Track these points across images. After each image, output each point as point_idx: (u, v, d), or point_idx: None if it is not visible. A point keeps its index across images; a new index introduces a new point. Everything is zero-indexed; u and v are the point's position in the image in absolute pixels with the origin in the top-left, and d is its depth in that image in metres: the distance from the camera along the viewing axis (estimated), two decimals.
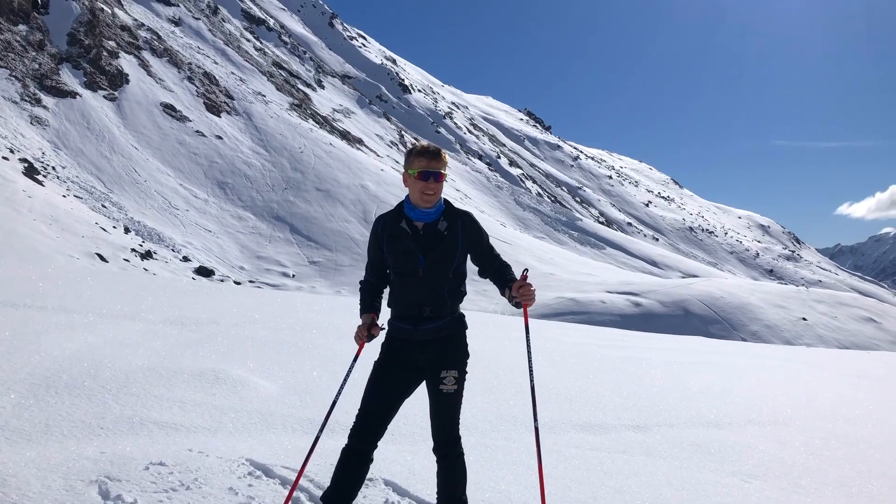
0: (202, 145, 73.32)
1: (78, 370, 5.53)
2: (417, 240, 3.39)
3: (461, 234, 3.43)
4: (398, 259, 3.40)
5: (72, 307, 8.76)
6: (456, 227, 3.42)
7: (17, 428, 4.19)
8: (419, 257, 3.36)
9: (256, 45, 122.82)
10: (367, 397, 3.43)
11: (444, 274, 3.39)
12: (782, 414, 8.36)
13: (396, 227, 3.42)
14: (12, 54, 66.66)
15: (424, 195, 3.36)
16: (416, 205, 3.40)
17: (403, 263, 3.39)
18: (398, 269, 3.42)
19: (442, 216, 3.44)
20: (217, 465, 4.04)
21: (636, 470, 5.31)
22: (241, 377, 6.01)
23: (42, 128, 61.50)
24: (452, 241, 3.40)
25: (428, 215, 3.41)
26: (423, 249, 3.37)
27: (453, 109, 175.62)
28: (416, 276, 3.37)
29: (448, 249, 3.39)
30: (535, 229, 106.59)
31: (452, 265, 3.41)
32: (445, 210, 3.46)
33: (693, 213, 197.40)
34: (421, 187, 3.35)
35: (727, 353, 16.19)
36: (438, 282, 3.39)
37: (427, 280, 3.38)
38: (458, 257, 3.44)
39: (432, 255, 3.37)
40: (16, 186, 44.74)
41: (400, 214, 3.45)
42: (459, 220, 3.45)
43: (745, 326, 43.05)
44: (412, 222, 3.41)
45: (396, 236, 3.41)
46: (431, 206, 3.39)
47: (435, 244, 3.38)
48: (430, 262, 3.37)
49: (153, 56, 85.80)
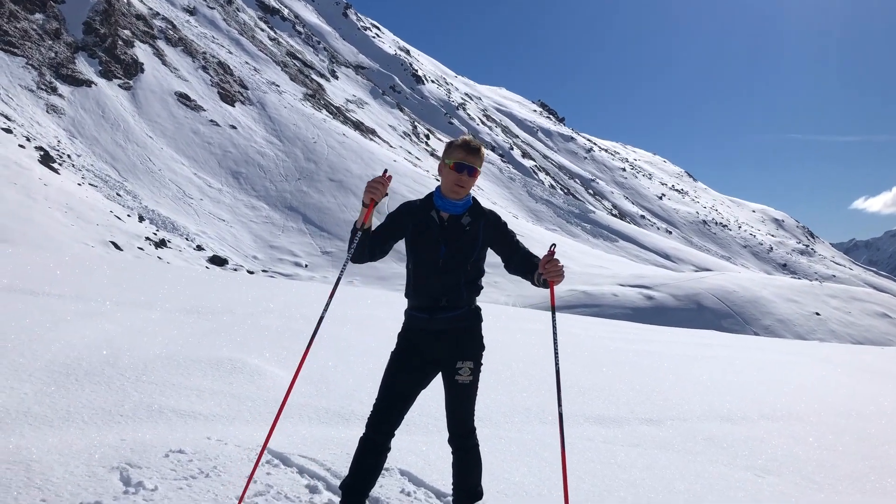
0: (216, 135, 73.58)
1: (97, 358, 5.60)
2: (442, 230, 3.44)
3: (482, 231, 3.49)
4: (420, 247, 3.46)
5: (89, 295, 8.85)
6: (479, 224, 3.49)
7: (39, 414, 4.26)
8: (441, 247, 3.42)
9: (271, 34, 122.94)
10: (384, 388, 3.47)
11: (462, 266, 3.44)
12: (795, 409, 8.35)
13: (426, 215, 3.48)
14: (29, 43, 67.05)
15: (456, 186, 3.42)
16: (445, 195, 3.46)
17: (424, 252, 3.44)
18: (418, 256, 3.46)
19: (468, 211, 3.50)
20: (235, 453, 4.10)
21: (649, 463, 5.34)
22: (257, 366, 6.07)
23: (58, 116, 61.88)
24: (473, 236, 3.47)
25: (456, 207, 3.47)
26: (444, 240, 3.42)
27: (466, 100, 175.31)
28: (436, 265, 3.42)
29: (468, 243, 3.46)
30: (548, 221, 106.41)
31: (471, 258, 3.47)
32: (472, 206, 3.53)
33: (707, 206, 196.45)
34: (454, 178, 3.41)
35: (740, 348, 16.15)
36: (456, 273, 3.43)
37: (445, 270, 3.42)
38: (477, 252, 3.49)
39: (453, 247, 3.43)
40: (32, 174, 45.09)
41: (429, 204, 3.51)
42: (483, 218, 3.51)
43: (758, 321, 42.88)
44: (439, 212, 3.47)
45: (424, 224, 3.46)
46: (461, 198, 3.46)
47: (457, 236, 3.44)
48: (450, 252, 3.42)
49: (168, 45, 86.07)
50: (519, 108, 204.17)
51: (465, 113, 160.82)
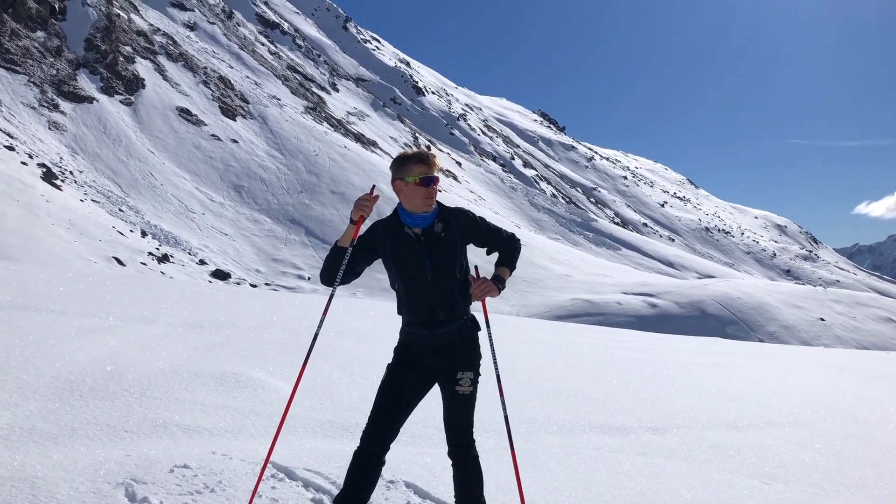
0: (218, 149, 73.77)
1: (101, 374, 5.60)
2: (420, 244, 3.41)
3: (457, 232, 3.45)
4: (405, 265, 3.41)
5: (93, 311, 8.86)
6: (451, 226, 3.44)
7: (43, 431, 4.26)
8: (425, 261, 3.38)
9: (271, 48, 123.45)
10: (380, 400, 3.45)
11: (451, 275, 3.41)
12: (801, 415, 8.32)
13: (400, 232, 3.42)
14: (31, 60, 67.39)
15: (427, 200, 3.38)
16: (412, 211, 3.40)
17: (410, 269, 3.40)
18: (405, 275, 3.41)
19: (437, 219, 3.45)
20: (240, 467, 4.09)
21: (655, 472, 5.32)
22: (261, 380, 6.06)
23: (60, 133, 62.11)
24: (451, 241, 3.42)
25: (425, 220, 3.42)
26: (427, 253, 3.39)
27: (467, 111, 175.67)
28: (425, 281, 3.39)
29: (449, 250, 3.42)
30: (550, 230, 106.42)
31: (456, 265, 3.43)
32: (439, 212, 3.48)
33: (709, 213, 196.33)
34: (423, 193, 3.36)
35: (745, 354, 16.11)
36: (447, 284, 3.41)
37: (436, 284, 3.39)
38: (460, 255, 3.47)
39: (437, 259, 3.39)
40: (34, 191, 45.20)
41: (398, 221, 3.46)
42: (453, 219, 3.46)
43: (763, 327, 42.80)
44: (411, 229, 3.43)
45: (402, 241, 3.41)
46: (431, 210, 3.41)
47: (437, 247, 3.40)
48: (435, 265, 3.38)
49: (169, 60, 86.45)
50: (520, 118, 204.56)
51: (465, 124, 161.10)
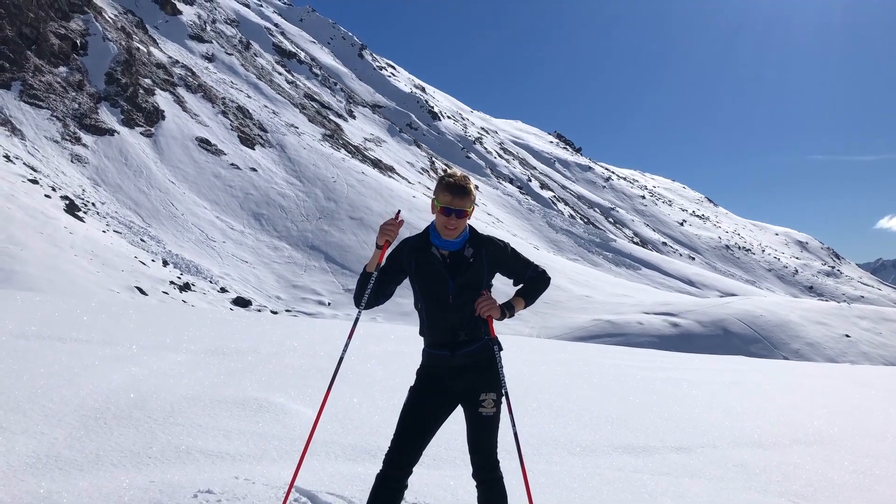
0: (237, 178, 74.52)
1: (125, 401, 5.64)
2: (445, 266, 3.42)
3: (486, 259, 3.46)
4: (427, 284, 3.43)
5: (116, 340, 8.94)
6: (481, 253, 3.46)
7: (69, 458, 4.30)
8: (448, 282, 3.40)
9: (288, 77, 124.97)
10: (402, 424, 3.44)
11: (473, 298, 3.42)
12: (829, 433, 8.20)
13: (426, 251, 3.45)
14: (53, 95, 68.65)
15: (446, 230, 3.40)
16: (440, 235, 3.44)
17: (433, 289, 3.42)
18: (427, 294, 3.43)
19: (467, 243, 3.47)
20: (263, 492, 4.10)
21: (681, 492, 5.25)
22: (282, 405, 6.08)
23: (82, 165, 63.07)
24: (479, 266, 3.44)
25: (453, 244, 3.44)
26: (451, 275, 3.40)
27: (483, 134, 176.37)
28: (447, 301, 3.40)
29: (475, 274, 3.43)
30: (569, 251, 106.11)
31: (481, 289, 3.44)
32: (470, 238, 3.50)
33: (729, 230, 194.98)
34: (443, 222, 3.39)
35: (769, 373, 15.92)
36: (469, 306, 3.42)
37: (457, 305, 3.41)
38: (486, 281, 3.48)
39: (460, 280, 3.40)
40: (58, 223, 45.84)
41: (427, 240, 3.48)
42: (484, 248, 3.48)
43: (787, 345, 42.27)
44: (439, 249, 3.45)
45: (426, 261, 3.43)
46: (453, 238, 3.43)
47: (463, 270, 3.41)
48: (458, 286, 3.39)
49: (188, 92, 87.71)
50: (535, 140, 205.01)
51: (481, 147, 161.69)
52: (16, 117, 63.17)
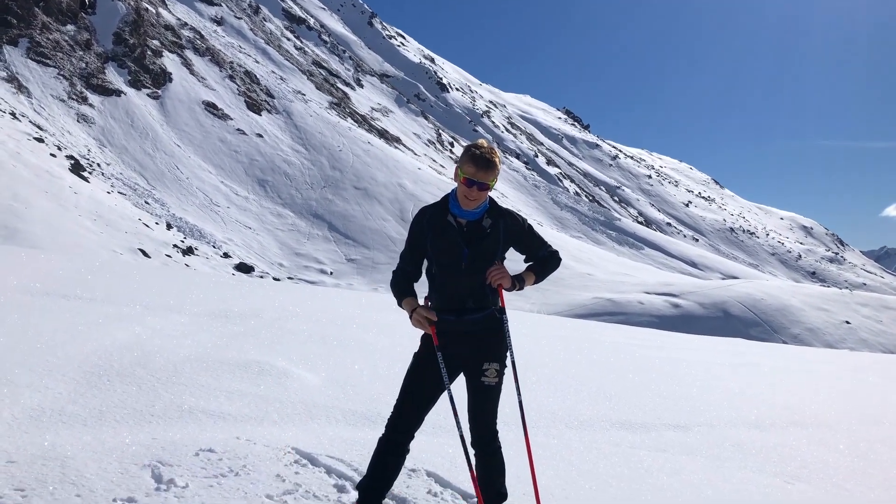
0: (243, 143, 74.34)
1: (128, 360, 5.68)
2: (462, 234, 3.42)
3: (503, 232, 3.46)
4: (442, 251, 3.43)
5: (120, 299, 8.98)
6: (499, 225, 3.46)
7: (73, 413, 4.34)
8: (463, 250, 3.39)
9: (297, 44, 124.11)
10: (406, 389, 3.47)
11: (485, 268, 3.42)
12: (826, 417, 8.24)
13: (443, 220, 3.44)
14: (60, 53, 68.30)
15: (466, 199, 3.39)
16: (460, 204, 3.43)
17: (447, 256, 3.42)
18: (441, 261, 3.44)
19: (486, 214, 3.47)
20: (264, 452, 4.14)
21: (676, 469, 5.30)
22: (284, 369, 6.12)
23: (88, 125, 62.92)
24: (495, 237, 3.44)
25: (473, 214, 3.44)
26: (466, 243, 3.40)
27: (491, 108, 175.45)
28: (459, 268, 3.40)
29: (491, 245, 3.43)
30: (573, 229, 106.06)
31: (494, 260, 3.44)
32: (490, 209, 3.49)
33: (734, 213, 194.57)
34: (464, 192, 3.38)
35: (768, 356, 15.97)
36: (480, 275, 3.42)
37: (469, 273, 3.41)
38: (500, 253, 3.48)
39: (475, 250, 3.40)
40: (63, 183, 45.85)
41: (445, 208, 3.47)
42: (502, 220, 3.48)
43: (786, 329, 42.37)
44: (457, 218, 3.45)
45: (442, 229, 3.43)
46: (472, 209, 3.42)
47: (479, 239, 3.42)
48: (472, 255, 3.39)
49: (196, 55, 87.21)
50: (544, 116, 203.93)
51: (489, 121, 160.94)
52: (22, 74, 62.91)
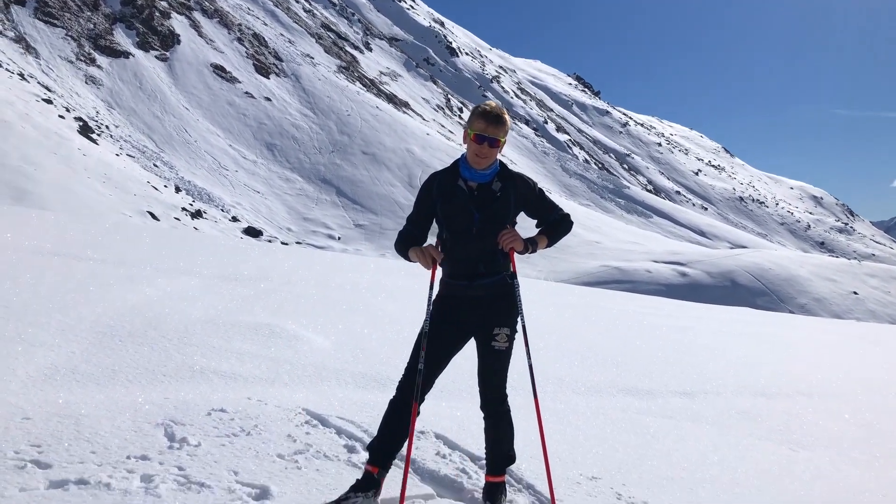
0: (251, 107, 74.03)
1: (140, 321, 5.74)
2: (472, 198, 3.41)
3: (514, 195, 3.44)
4: (452, 216, 3.42)
5: (130, 261, 9.04)
6: (509, 188, 3.44)
7: (85, 372, 4.39)
8: (473, 215, 3.39)
9: (305, 6, 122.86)
10: (417, 351, 3.49)
11: (496, 232, 3.41)
12: (832, 386, 8.28)
13: (452, 184, 3.43)
14: (68, 14, 67.86)
15: (476, 157, 3.37)
16: (471, 164, 3.42)
17: (457, 221, 3.41)
18: (451, 226, 3.43)
19: (496, 177, 3.45)
20: (275, 413, 4.19)
21: (683, 435, 5.34)
22: (294, 332, 6.17)
23: (96, 87, 62.72)
24: (506, 201, 3.42)
25: (483, 176, 3.41)
26: (477, 207, 3.40)
27: (501, 73, 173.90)
28: (470, 233, 3.40)
29: (502, 208, 3.41)
30: (582, 196, 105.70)
31: (505, 224, 3.44)
32: (500, 172, 3.47)
33: (744, 182, 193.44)
34: (475, 149, 3.35)
35: (775, 325, 16.00)
36: (491, 239, 3.42)
37: (480, 237, 3.40)
38: (511, 217, 3.47)
39: (486, 213, 3.39)
40: (72, 145, 45.84)
41: (455, 173, 3.46)
42: (513, 183, 3.46)
43: (794, 299, 42.36)
44: (467, 181, 3.43)
45: (452, 193, 3.42)
46: (482, 168, 3.40)
47: (489, 203, 3.40)
48: (483, 219, 3.39)
49: (204, 17, 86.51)
50: (554, 82, 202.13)
51: (498, 86, 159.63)
52: (30, 35, 62.60)
